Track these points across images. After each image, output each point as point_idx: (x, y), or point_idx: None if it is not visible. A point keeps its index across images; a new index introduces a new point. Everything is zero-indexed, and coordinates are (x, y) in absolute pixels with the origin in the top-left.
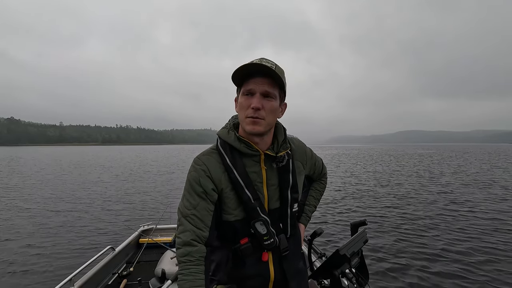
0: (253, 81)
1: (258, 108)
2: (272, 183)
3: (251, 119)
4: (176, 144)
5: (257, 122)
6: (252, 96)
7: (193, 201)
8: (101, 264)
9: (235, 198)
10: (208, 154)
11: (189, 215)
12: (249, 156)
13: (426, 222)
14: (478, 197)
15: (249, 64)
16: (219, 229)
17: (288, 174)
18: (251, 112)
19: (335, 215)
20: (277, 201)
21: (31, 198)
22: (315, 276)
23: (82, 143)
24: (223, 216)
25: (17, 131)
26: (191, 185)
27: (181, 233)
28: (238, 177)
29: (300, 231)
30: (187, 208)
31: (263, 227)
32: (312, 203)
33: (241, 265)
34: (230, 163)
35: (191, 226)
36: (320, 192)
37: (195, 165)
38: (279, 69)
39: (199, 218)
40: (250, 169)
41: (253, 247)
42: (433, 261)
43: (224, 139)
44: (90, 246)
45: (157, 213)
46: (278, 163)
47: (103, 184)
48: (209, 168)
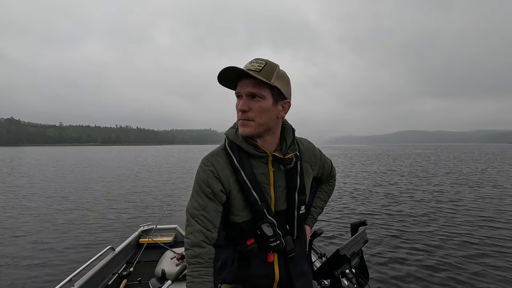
0: (240, 83)
1: (243, 110)
2: (279, 184)
3: (240, 121)
4: (176, 144)
5: (246, 124)
6: (241, 99)
7: (202, 202)
8: (101, 264)
9: (242, 200)
10: (217, 155)
11: (198, 216)
12: (257, 157)
13: (426, 222)
14: (469, 196)
15: (224, 70)
16: (226, 230)
17: (296, 176)
18: (240, 115)
19: (335, 215)
20: (284, 202)
21: (31, 198)
22: (315, 276)
23: (81, 143)
24: (230, 217)
25: (17, 131)
26: (200, 186)
27: (190, 233)
28: (245, 178)
29: (306, 233)
30: (195, 209)
31: (270, 229)
32: (319, 205)
33: (246, 265)
34: (238, 164)
35: (200, 227)
36: (328, 194)
37: (203, 166)
38: (268, 67)
39: (208, 219)
40: (257, 171)
41: (259, 247)
42: (433, 261)
43: (232, 139)
44: (90, 246)
45: (157, 213)
46: (286, 165)
47: (103, 184)
48: (217, 169)
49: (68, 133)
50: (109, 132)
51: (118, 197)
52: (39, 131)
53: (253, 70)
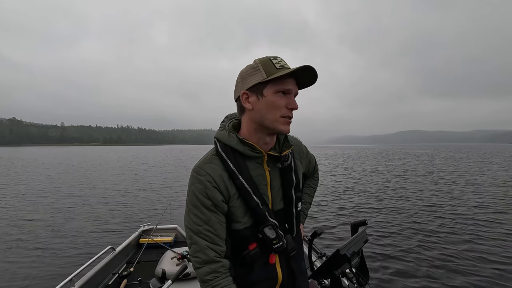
0: (290, 81)
1: (296, 109)
2: (275, 184)
3: (287, 120)
4: (177, 145)
5: (290, 123)
6: (286, 96)
7: (203, 216)
8: (101, 264)
9: (243, 205)
10: (210, 162)
11: (201, 231)
12: (252, 158)
13: (426, 221)
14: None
15: (299, 67)
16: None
17: (291, 174)
18: (288, 112)
19: (335, 215)
20: (280, 201)
21: (32, 198)
22: (316, 276)
23: (83, 143)
24: (232, 225)
25: (19, 131)
26: (198, 198)
27: (198, 252)
28: (244, 183)
29: (301, 230)
30: (197, 225)
31: (272, 231)
32: (307, 200)
33: (249, 270)
34: (234, 168)
35: (207, 243)
36: (314, 189)
37: (197, 175)
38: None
39: (213, 233)
40: (254, 173)
41: (261, 251)
42: (434, 260)
43: (225, 142)
44: (90, 246)
45: (158, 213)
46: (284, 162)
47: (103, 184)
48: (214, 178)
49: (69, 133)
50: (110, 132)
51: (118, 197)
52: (41, 131)
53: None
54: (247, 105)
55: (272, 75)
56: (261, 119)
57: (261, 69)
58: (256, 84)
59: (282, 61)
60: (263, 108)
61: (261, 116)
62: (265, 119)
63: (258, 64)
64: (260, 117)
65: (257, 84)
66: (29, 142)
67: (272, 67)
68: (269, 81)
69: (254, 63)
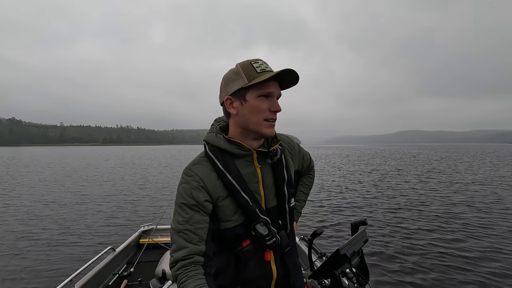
0: (272, 84)
1: (279, 111)
2: (268, 181)
3: (271, 123)
4: (177, 144)
5: (274, 125)
6: (268, 99)
7: (186, 215)
8: (102, 264)
9: (233, 203)
10: (198, 163)
11: (182, 230)
12: (241, 157)
13: (427, 220)
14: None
15: (279, 71)
16: (219, 239)
17: (282, 170)
18: (272, 115)
19: (335, 215)
20: (274, 198)
21: (32, 198)
22: (315, 276)
23: (82, 143)
24: (222, 225)
25: (19, 131)
26: (183, 198)
27: (175, 251)
28: (232, 181)
29: (294, 227)
30: (179, 223)
31: (264, 227)
32: (302, 198)
33: (244, 268)
34: (223, 167)
35: (185, 242)
36: (309, 186)
37: (185, 176)
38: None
39: (193, 232)
40: (244, 171)
41: (255, 248)
42: (434, 260)
43: (213, 143)
44: (90, 247)
45: (158, 213)
46: (273, 157)
47: (103, 184)
48: (202, 178)
49: (69, 133)
50: (110, 132)
51: (118, 197)
52: (41, 131)
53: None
54: (232, 110)
55: (253, 80)
56: (246, 123)
57: (242, 74)
58: (238, 89)
59: (263, 64)
60: (246, 112)
61: (246, 121)
62: (249, 123)
63: (240, 69)
64: (245, 121)
65: (239, 89)
66: (28, 142)
67: (253, 71)
68: (251, 86)
69: (235, 68)
